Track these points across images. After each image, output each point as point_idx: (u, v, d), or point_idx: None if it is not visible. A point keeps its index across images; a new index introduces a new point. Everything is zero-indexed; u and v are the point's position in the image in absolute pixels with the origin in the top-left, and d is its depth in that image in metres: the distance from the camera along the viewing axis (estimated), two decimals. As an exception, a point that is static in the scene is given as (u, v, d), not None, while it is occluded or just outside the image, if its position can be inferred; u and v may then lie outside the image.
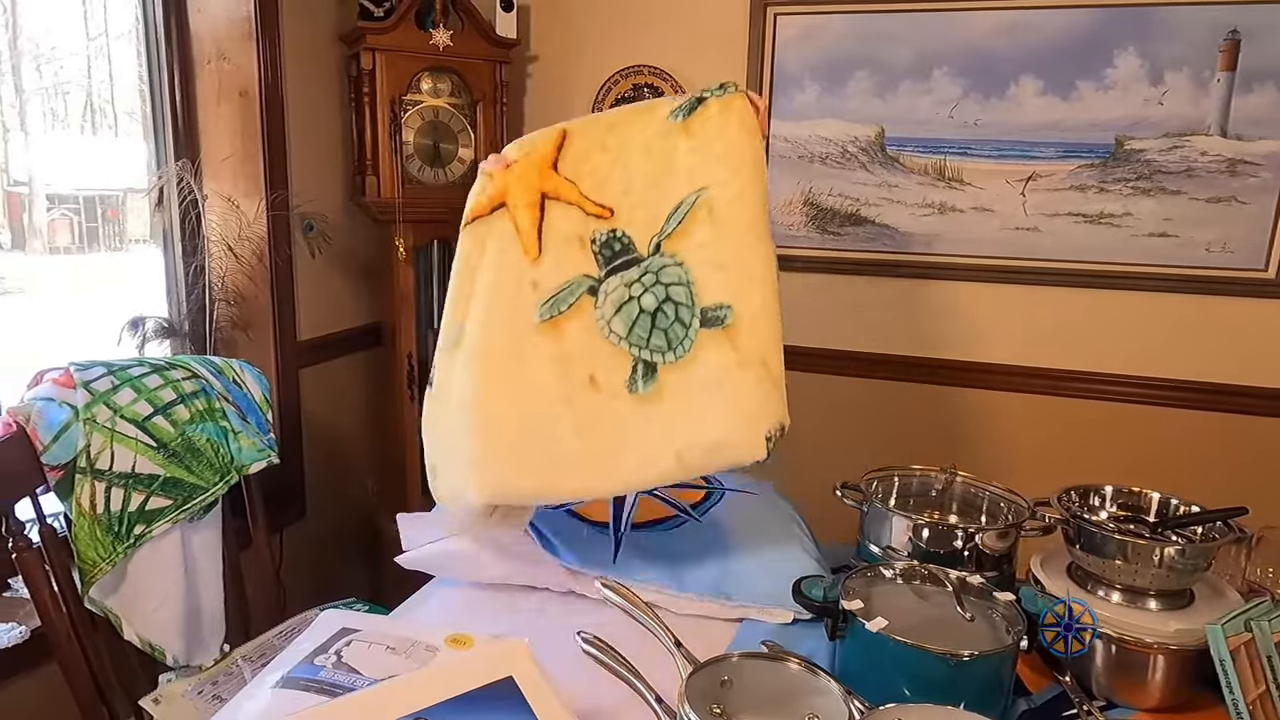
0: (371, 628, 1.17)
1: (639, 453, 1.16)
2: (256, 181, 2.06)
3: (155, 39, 2.00)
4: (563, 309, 1.24)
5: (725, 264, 1.23)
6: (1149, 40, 2.08)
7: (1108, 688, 1.10)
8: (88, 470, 1.38)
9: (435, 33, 2.21)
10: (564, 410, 1.20)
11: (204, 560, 1.55)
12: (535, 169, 1.27)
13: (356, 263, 2.43)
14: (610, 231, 1.27)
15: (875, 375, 2.43)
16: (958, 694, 0.90)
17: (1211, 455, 2.17)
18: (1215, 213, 2.11)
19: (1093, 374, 2.26)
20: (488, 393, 1.21)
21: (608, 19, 2.49)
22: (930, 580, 1.12)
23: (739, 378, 1.19)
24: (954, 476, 1.40)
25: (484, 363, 1.22)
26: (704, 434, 1.18)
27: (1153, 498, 1.24)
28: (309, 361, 2.27)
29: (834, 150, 2.36)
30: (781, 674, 0.91)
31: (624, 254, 1.26)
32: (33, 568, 1.30)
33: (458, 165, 2.36)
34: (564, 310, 1.24)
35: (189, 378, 1.57)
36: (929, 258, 2.33)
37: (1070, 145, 2.18)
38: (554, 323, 1.23)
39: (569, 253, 1.25)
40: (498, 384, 1.21)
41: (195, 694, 1.45)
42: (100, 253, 2.09)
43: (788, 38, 2.34)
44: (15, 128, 1.87)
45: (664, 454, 0.99)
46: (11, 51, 1.83)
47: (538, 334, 1.23)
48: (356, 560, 2.52)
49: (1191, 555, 1.09)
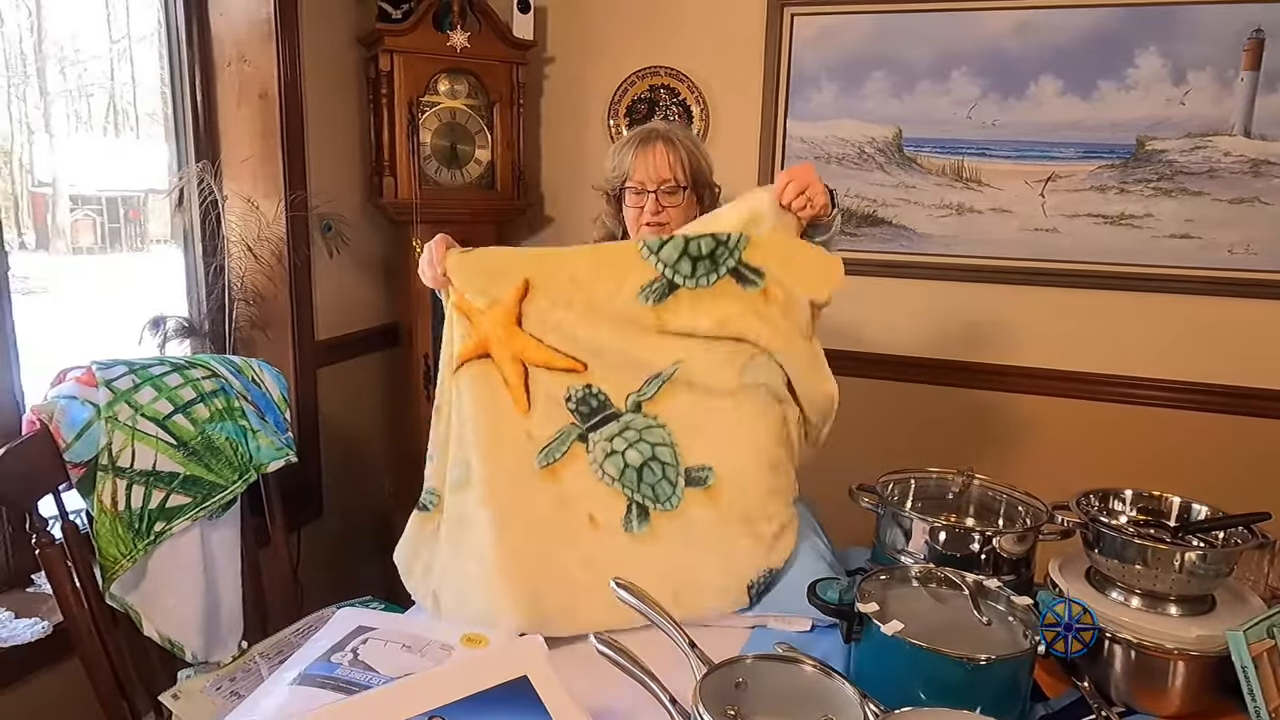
0: (387, 626, 1.18)
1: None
2: (275, 182, 2.08)
3: (177, 42, 2.03)
4: (557, 456, 1.32)
5: (703, 428, 1.32)
6: (1171, 39, 2.06)
7: (1127, 694, 1.09)
8: (109, 468, 1.39)
9: (453, 34, 2.22)
10: (572, 546, 1.29)
11: (223, 558, 1.57)
12: (502, 325, 1.32)
13: (374, 263, 2.45)
14: (585, 387, 1.33)
15: (892, 377, 2.42)
16: (974, 698, 0.89)
17: (1233, 459, 2.14)
18: (1238, 214, 2.08)
19: (1112, 376, 2.24)
20: (505, 531, 1.27)
21: (624, 20, 2.49)
22: (947, 584, 1.11)
23: (723, 533, 1.29)
24: (971, 479, 1.39)
25: (496, 504, 1.29)
26: (697, 579, 1.27)
27: (1173, 502, 1.23)
28: (326, 361, 2.29)
29: (851, 151, 2.35)
30: (796, 676, 0.91)
31: (601, 410, 1.33)
32: (55, 564, 1.32)
33: (474, 166, 2.37)
34: (559, 458, 1.32)
35: (209, 377, 1.58)
36: (946, 259, 2.32)
37: (1090, 145, 2.16)
38: (551, 469, 1.31)
39: (553, 408, 1.33)
40: (512, 522, 1.28)
41: (214, 690, 1.46)
42: (122, 253, 2.12)
43: (805, 38, 2.33)
44: (40, 130, 1.90)
45: (662, 592, 1.04)
46: (36, 55, 1.86)
47: (538, 479, 1.31)
48: (373, 558, 2.53)
49: (1213, 560, 1.08)
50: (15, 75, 1.82)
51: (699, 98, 2.44)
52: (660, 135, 1.62)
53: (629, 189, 1.63)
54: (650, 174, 1.60)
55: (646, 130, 1.66)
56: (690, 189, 1.62)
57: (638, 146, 1.62)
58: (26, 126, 1.88)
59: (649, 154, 1.60)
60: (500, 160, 2.39)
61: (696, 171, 1.63)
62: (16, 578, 1.67)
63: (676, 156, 1.60)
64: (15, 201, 1.87)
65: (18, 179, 1.88)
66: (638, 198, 1.61)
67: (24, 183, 1.90)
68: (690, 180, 1.62)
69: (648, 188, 1.60)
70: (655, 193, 1.60)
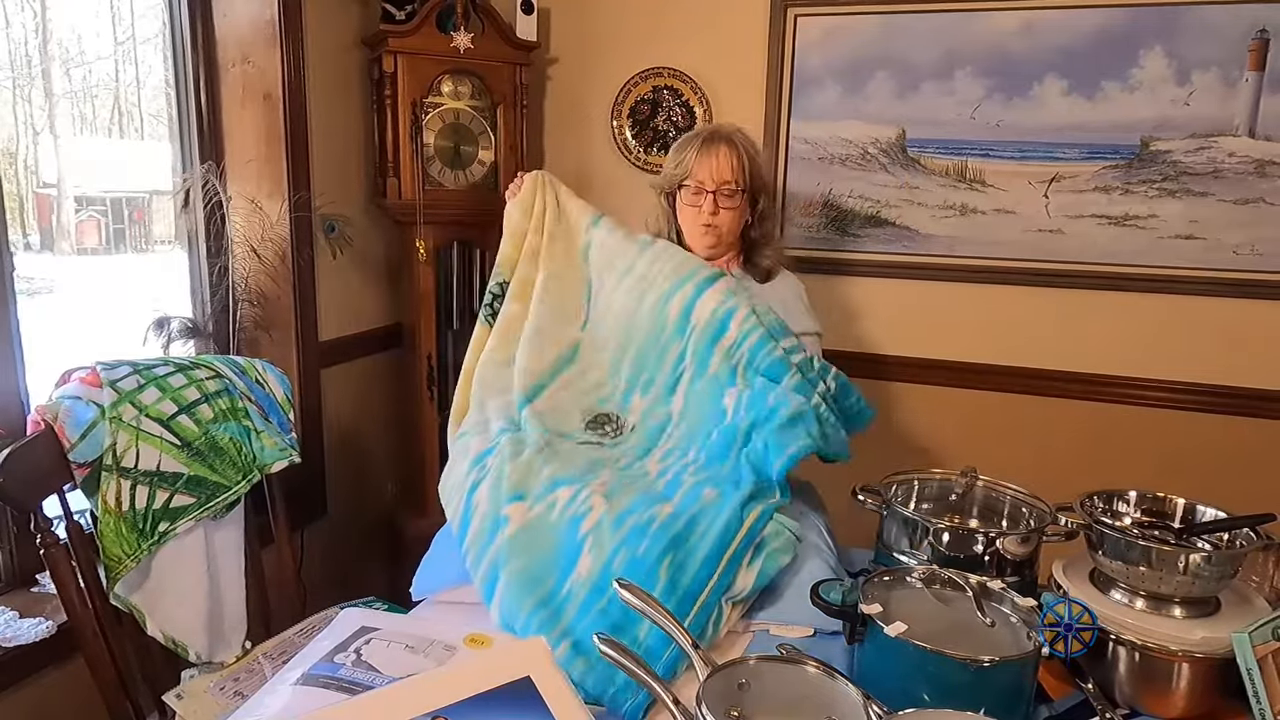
0: (391, 626, 1.18)
1: None
2: (279, 183, 2.08)
3: (181, 43, 2.03)
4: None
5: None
6: (1176, 40, 2.06)
7: (1131, 696, 1.08)
8: (113, 468, 1.40)
9: (456, 35, 2.22)
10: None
11: (226, 558, 1.57)
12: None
13: (377, 264, 2.45)
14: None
15: (896, 378, 2.41)
16: (978, 700, 0.89)
17: (1238, 460, 2.13)
18: (1243, 214, 2.08)
19: (1117, 377, 2.23)
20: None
21: (627, 21, 2.49)
22: (950, 585, 1.11)
23: None
24: (975, 480, 1.39)
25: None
26: None
27: (1178, 503, 1.23)
28: (330, 361, 2.29)
29: (854, 152, 2.35)
30: (799, 678, 0.91)
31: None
32: (60, 564, 1.32)
33: (478, 167, 2.37)
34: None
35: (212, 377, 1.59)
36: (950, 260, 2.31)
37: (1095, 146, 2.15)
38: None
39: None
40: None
41: (217, 690, 1.46)
42: (127, 254, 2.12)
43: (808, 39, 2.33)
44: (45, 130, 1.91)
45: None
46: (42, 56, 1.87)
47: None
48: (376, 559, 2.54)
49: (1218, 562, 1.07)
50: (21, 76, 1.83)
51: (702, 99, 2.44)
52: (724, 137, 1.68)
53: (686, 187, 1.67)
54: (711, 174, 1.64)
55: (711, 130, 1.71)
56: (747, 192, 1.67)
57: (701, 146, 1.67)
58: (31, 127, 1.89)
59: (712, 154, 1.65)
60: (504, 161, 2.39)
61: (755, 176, 1.68)
62: (21, 578, 1.67)
63: (739, 159, 1.65)
64: (20, 202, 1.88)
65: (23, 180, 1.88)
66: (696, 196, 1.66)
67: (29, 184, 1.91)
68: (749, 183, 1.66)
69: (707, 188, 1.64)
70: (714, 193, 1.64)
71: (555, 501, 1.31)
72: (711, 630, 1.19)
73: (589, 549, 1.22)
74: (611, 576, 1.15)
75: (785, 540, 1.31)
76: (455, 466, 1.47)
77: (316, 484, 2.30)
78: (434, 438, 2.38)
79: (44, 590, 1.66)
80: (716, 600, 1.19)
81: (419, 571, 1.43)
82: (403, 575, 1.47)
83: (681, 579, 1.18)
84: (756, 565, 1.25)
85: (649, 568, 1.18)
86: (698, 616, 1.17)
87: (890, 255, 2.36)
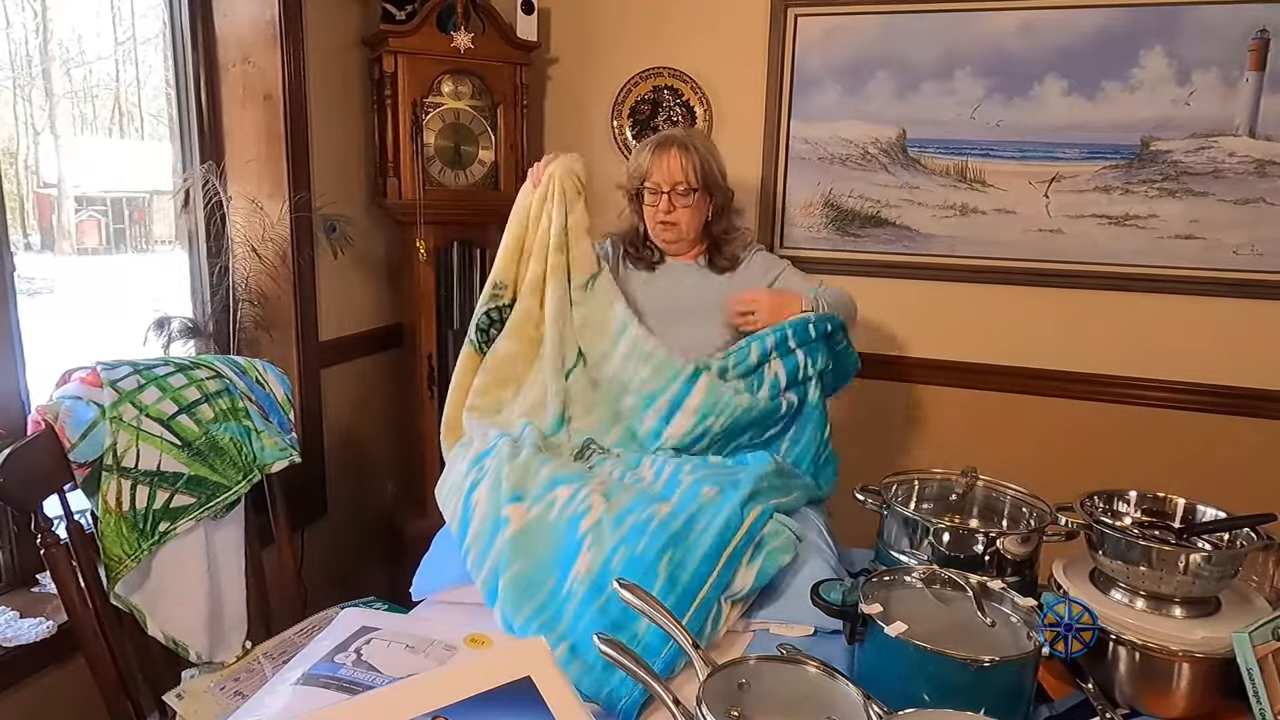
0: (391, 626, 1.18)
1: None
2: (280, 183, 2.08)
3: (182, 43, 2.03)
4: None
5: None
6: (1176, 40, 2.05)
7: (1131, 696, 1.09)
8: (114, 468, 1.40)
9: (456, 35, 2.22)
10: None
11: (226, 558, 1.57)
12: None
13: (378, 264, 2.45)
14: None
15: (896, 378, 2.41)
16: (978, 700, 0.89)
17: (1238, 460, 2.13)
18: (1243, 214, 2.08)
19: (1117, 377, 2.23)
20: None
21: (628, 21, 2.49)
22: (950, 585, 1.11)
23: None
24: (975, 480, 1.39)
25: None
26: None
27: (1178, 503, 1.23)
28: (330, 361, 2.29)
29: (855, 152, 2.35)
30: (799, 678, 0.91)
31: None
32: (60, 564, 1.32)
33: (478, 167, 2.37)
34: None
35: (213, 377, 1.59)
36: (950, 260, 2.31)
37: (1095, 146, 2.15)
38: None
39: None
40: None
41: (218, 690, 1.46)
42: (127, 254, 2.12)
43: (809, 39, 2.33)
44: (45, 130, 1.91)
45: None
46: (42, 56, 1.87)
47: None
48: (376, 559, 2.54)
49: (1218, 562, 1.07)
50: (21, 76, 1.83)
51: (702, 99, 2.44)
52: (676, 141, 1.80)
53: (646, 188, 1.80)
54: (665, 176, 1.77)
55: (664, 136, 1.83)
56: (701, 191, 1.78)
57: (654, 150, 1.80)
58: (32, 127, 1.89)
59: (664, 158, 1.78)
60: (504, 161, 2.39)
61: (708, 176, 1.79)
62: (21, 577, 1.67)
63: (690, 161, 1.77)
64: (21, 202, 1.88)
65: (23, 180, 1.88)
66: (654, 196, 1.79)
67: (29, 184, 1.91)
68: (701, 183, 1.78)
69: (662, 188, 1.77)
70: (669, 193, 1.76)
71: (554, 501, 1.32)
72: (710, 628, 1.19)
73: (588, 547, 1.24)
74: (611, 574, 1.16)
75: (785, 539, 1.31)
76: (453, 468, 1.49)
77: (317, 484, 2.30)
78: (434, 438, 2.36)
79: (44, 590, 1.66)
80: (716, 598, 1.20)
81: (419, 571, 1.43)
82: (403, 575, 1.47)
83: (681, 575, 1.19)
84: (756, 564, 1.26)
85: (648, 565, 1.19)
86: (697, 614, 1.17)
87: (891, 255, 2.36)
